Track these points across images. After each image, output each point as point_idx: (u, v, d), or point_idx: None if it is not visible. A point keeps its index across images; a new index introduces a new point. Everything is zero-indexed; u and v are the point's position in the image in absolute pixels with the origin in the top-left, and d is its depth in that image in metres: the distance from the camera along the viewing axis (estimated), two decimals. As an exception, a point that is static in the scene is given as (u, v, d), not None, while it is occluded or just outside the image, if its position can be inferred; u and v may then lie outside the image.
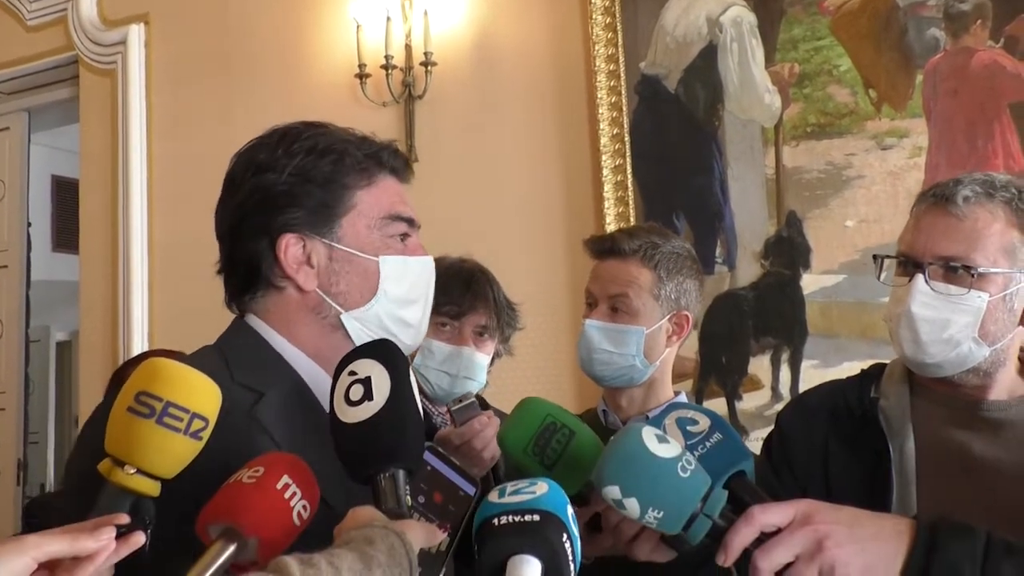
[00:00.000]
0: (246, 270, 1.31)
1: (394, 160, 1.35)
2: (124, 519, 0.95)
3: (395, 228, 1.32)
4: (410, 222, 1.34)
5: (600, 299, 1.91)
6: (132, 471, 1.00)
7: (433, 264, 1.39)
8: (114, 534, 0.92)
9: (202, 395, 1.05)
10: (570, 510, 0.97)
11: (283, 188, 1.29)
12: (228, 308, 1.36)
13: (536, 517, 0.93)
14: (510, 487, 0.98)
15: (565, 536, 0.94)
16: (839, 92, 3.04)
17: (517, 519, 0.93)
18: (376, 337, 1.25)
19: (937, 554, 1.09)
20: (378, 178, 1.33)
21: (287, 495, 1.01)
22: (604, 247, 1.93)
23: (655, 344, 1.89)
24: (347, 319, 1.30)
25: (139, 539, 0.95)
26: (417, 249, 1.36)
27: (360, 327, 1.30)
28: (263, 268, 1.30)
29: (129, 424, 1.01)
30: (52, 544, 0.87)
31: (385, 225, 1.31)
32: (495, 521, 0.93)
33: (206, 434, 1.04)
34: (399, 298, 1.32)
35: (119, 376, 2.55)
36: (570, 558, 0.94)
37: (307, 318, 1.30)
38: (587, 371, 1.93)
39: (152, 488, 1.02)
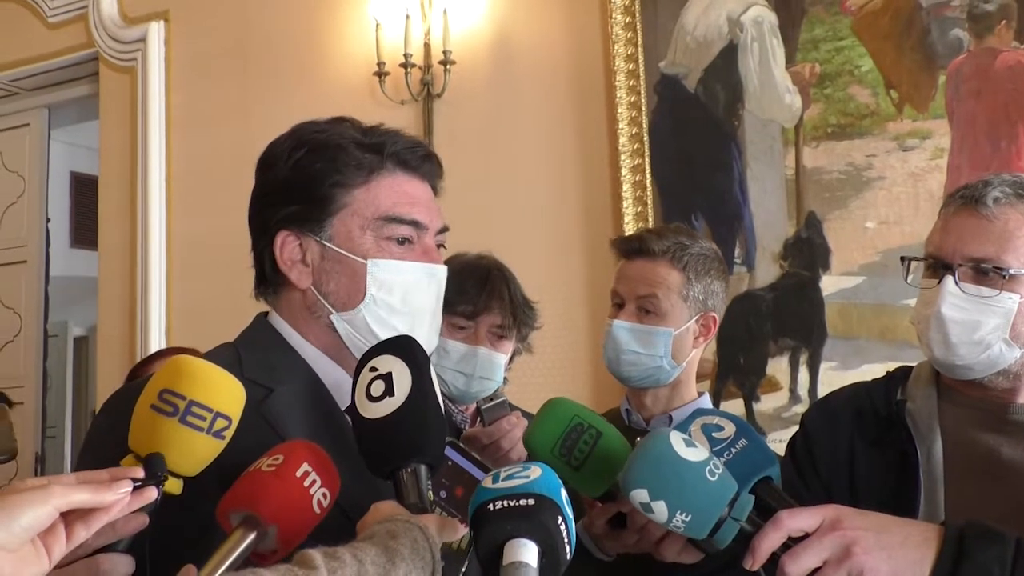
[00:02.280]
0: (258, 265, 1.32)
1: (409, 156, 1.29)
2: (139, 473, 0.96)
3: (393, 230, 1.26)
4: (415, 224, 1.28)
5: (628, 300, 1.89)
6: None
7: (444, 273, 1.32)
8: (130, 488, 0.93)
9: (226, 394, 1.05)
10: (564, 493, 0.97)
11: (281, 183, 1.28)
12: (257, 300, 1.36)
13: (531, 501, 0.93)
14: (503, 472, 0.98)
15: (560, 519, 0.94)
16: (860, 92, 3.01)
17: (512, 503, 0.93)
18: (366, 342, 1.23)
19: (965, 559, 1.08)
20: (380, 176, 1.27)
21: (307, 483, 1.01)
22: (632, 247, 1.91)
23: (683, 345, 1.88)
24: (337, 320, 1.27)
25: (151, 494, 0.96)
26: (424, 255, 1.29)
27: (350, 330, 1.27)
28: (266, 264, 1.29)
29: (152, 422, 1.02)
30: (76, 495, 0.88)
31: (380, 227, 1.26)
32: (490, 506, 0.93)
33: (229, 433, 1.05)
34: (390, 305, 1.26)
35: (134, 375, 2.55)
36: (566, 540, 0.94)
37: (309, 316, 1.29)
38: (614, 372, 1.92)
39: (174, 486, 1.02)
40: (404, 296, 1.27)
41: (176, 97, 4.07)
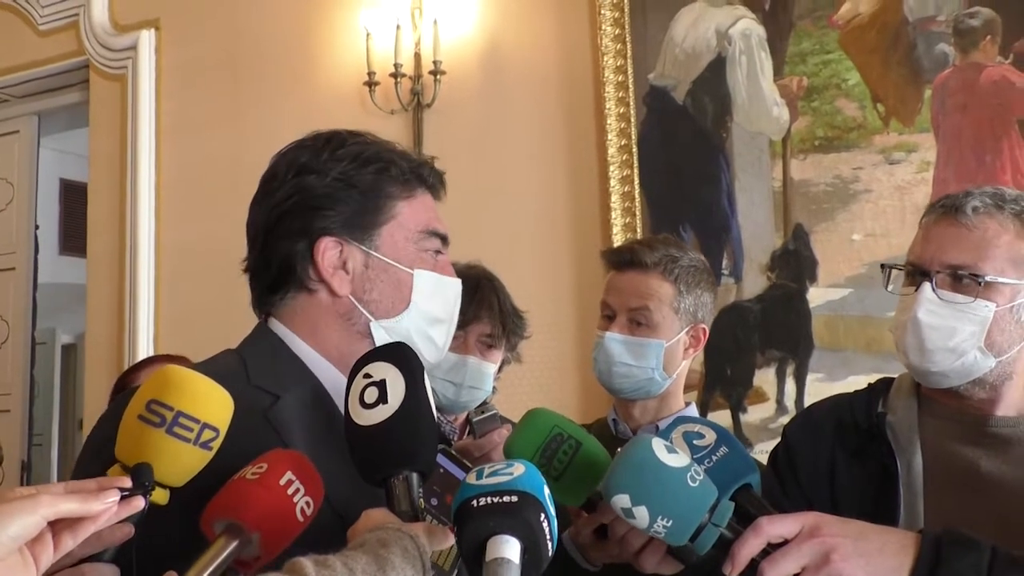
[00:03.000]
0: (279, 270, 1.30)
1: (433, 177, 1.37)
2: (127, 482, 0.96)
3: (431, 244, 1.33)
4: (444, 239, 1.35)
5: (619, 312, 1.89)
6: None
7: (461, 287, 1.40)
8: (118, 497, 0.93)
9: (213, 405, 1.05)
10: (547, 490, 0.98)
11: (325, 191, 1.29)
12: (253, 309, 1.35)
13: (514, 498, 0.94)
14: (487, 469, 0.99)
15: (543, 516, 0.94)
16: (847, 106, 3.04)
17: (495, 500, 0.94)
18: None
19: (942, 566, 1.10)
20: (418, 192, 1.34)
21: (290, 491, 1.02)
22: (624, 259, 1.91)
23: (673, 357, 1.89)
24: (376, 327, 1.29)
25: (139, 503, 0.96)
26: (447, 267, 1.36)
27: (387, 337, 1.29)
28: (298, 269, 1.29)
29: (139, 432, 1.02)
30: (64, 504, 0.89)
31: (422, 239, 1.32)
32: (474, 503, 0.94)
33: (216, 444, 1.05)
34: (429, 314, 1.32)
35: (122, 383, 2.54)
36: (548, 537, 0.95)
37: (335, 323, 1.30)
38: (605, 384, 1.92)
39: (160, 496, 1.02)
40: (441, 306, 1.34)
41: (166, 105, 4.07)
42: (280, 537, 1.01)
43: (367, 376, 1.11)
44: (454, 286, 1.37)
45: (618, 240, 3.13)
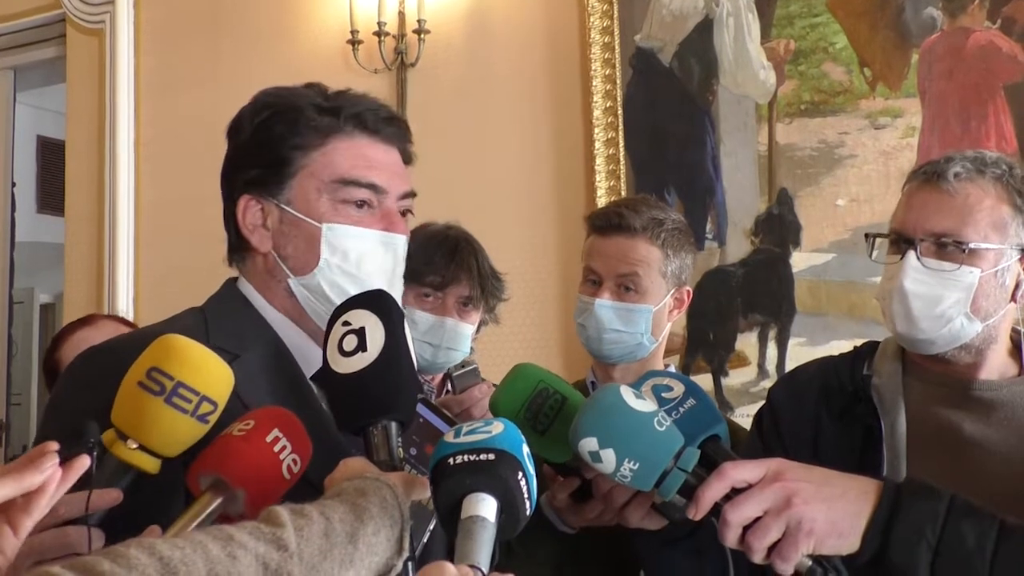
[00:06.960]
0: (227, 231, 1.32)
1: (369, 118, 1.28)
2: (54, 446, 0.90)
3: (349, 193, 1.25)
4: (373, 187, 1.26)
5: (607, 277, 1.86)
6: (134, 446, 1.00)
7: (404, 242, 1.30)
8: (56, 461, 0.89)
9: (214, 378, 1.04)
10: (526, 449, 0.97)
11: (244, 149, 1.29)
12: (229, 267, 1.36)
13: (491, 456, 0.93)
14: (466, 427, 0.98)
15: (520, 474, 0.94)
16: (834, 70, 3.02)
17: (472, 458, 0.93)
18: (323, 307, 1.24)
19: (900, 512, 1.13)
20: (337, 137, 1.26)
21: (276, 448, 1.01)
22: (611, 223, 1.88)
23: (660, 320, 1.88)
24: (295, 285, 1.27)
25: (84, 462, 0.93)
26: (383, 219, 1.27)
27: (307, 295, 1.27)
28: (230, 229, 1.30)
29: (137, 399, 1.01)
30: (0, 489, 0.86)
31: (336, 189, 1.25)
32: (450, 460, 0.94)
33: (213, 418, 1.04)
34: (345, 271, 1.25)
35: (57, 342, 2.47)
36: (525, 496, 0.94)
37: (272, 281, 1.29)
38: (595, 350, 1.90)
39: (152, 465, 1.02)
40: (359, 262, 1.26)
41: (145, 61, 4.00)
42: (266, 494, 1.00)
43: (346, 324, 1.09)
44: (382, 241, 1.27)
45: (602, 203, 3.11)
